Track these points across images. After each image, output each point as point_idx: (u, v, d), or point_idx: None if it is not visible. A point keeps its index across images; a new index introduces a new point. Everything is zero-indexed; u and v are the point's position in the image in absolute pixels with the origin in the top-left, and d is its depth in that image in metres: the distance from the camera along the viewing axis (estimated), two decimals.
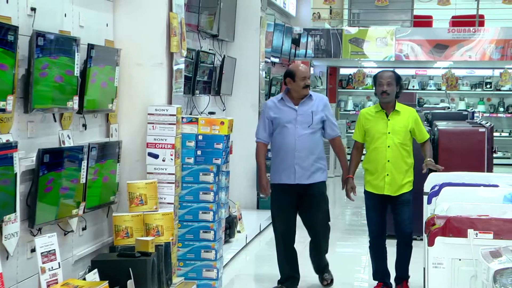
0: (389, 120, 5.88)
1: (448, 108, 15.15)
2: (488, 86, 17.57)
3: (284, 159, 5.88)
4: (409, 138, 5.91)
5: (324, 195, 6.11)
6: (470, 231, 4.02)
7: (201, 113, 7.83)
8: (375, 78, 5.99)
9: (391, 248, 6.10)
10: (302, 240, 6.54)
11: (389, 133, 5.84)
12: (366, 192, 6.02)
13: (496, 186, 5.24)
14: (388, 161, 5.82)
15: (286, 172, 5.90)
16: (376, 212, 5.98)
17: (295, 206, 6.04)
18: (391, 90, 5.84)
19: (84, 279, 4.43)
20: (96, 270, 4.51)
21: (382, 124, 5.88)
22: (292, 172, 5.88)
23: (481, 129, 8.39)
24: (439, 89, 17.57)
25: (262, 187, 6.02)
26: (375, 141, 5.88)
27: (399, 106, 5.95)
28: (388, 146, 5.82)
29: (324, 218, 6.17)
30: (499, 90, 17.44)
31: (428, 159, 5.97)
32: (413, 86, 17.76)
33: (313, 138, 5.93)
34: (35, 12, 4.29)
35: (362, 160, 6.17)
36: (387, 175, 5.83)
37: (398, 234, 5.99)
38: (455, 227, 4.07)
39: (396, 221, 5.96)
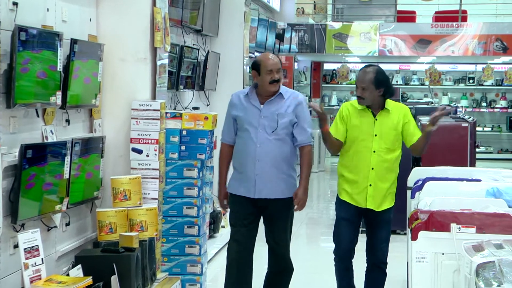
0: (376, 120, 4.99)
1: (432, 103, 15.18)
2: (471, 81, 17.66)
3: (244, 168, 5.00)
4: (399, 143, 5.03)
5: (286, 217, 5.08)
6: (453, 225, 4.05)
7: (185, 108, 7.81)
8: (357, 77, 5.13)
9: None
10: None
11: (376, 135, 4.95)
12: (340, 201, 5.08)
13: (479, 180, 5.27)
14: (372, 168, 4.93)
15: (245, 183, 5.01)
16: (350, 226, 5.05)
17: (256, 222, 5.12)
18: (368, 96, 4.94)
19: (68, 274, 4.41)
20: (79, 265, 4.50)
21: (367, 124, 4.98)
22: (251, 184, 4.97)
23: (464, 124, 8.44)
24: (423, 84, 17.65)
25: (219, 201, 5.23)
26: (358, 143, 4.97)
27: (390, 104, 5.04)
28: (374, 151, 4.93)
29: (283, 248, 5.13)
30: (482, 85, 17.55)
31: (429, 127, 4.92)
32: (397, 81, 17.81)
33: (279, 145, 4.95)
34: (17, 7, 4.25)
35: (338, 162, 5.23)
36: (370, 185, 4.95)
37: (371, 257, 5.12)
38: (438, 222, 4.09)
39: (371, 243, 5.09)
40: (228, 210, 5.23)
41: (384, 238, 5.05)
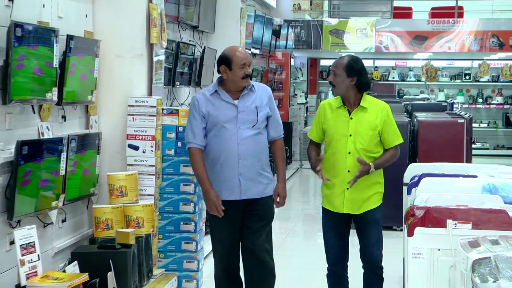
0: (351, 118, 4.70)
1: (428, 99, 15.22)
2: (467, 77, 17.68)
3: (225, 168, 4.67)
4: (377, 142, 4.74)
5: (271, 216, 4.85)
6: (449, 222, 4.05)
7: (182, 104, 7.81)
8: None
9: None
10: (282, 231, 6.56)
11: (350, 135, 4.67)
12: (323, 209, 4.88)
13: (475, 176, 5.28)
14: (348, 171, 4.66)
15: (228, 185, 4.68)
16: (335, 234, 4.84)
17: (240, 230, 4.79)
18: (338, 82, 4.68)
19: (64, 271, 4.41)
20: (76, 262, 4.49)
21: (342, 124, 4.71)
22: (235, 185, 4.67)
23: (460, 120, 8.46)
24: (419, 80, 17.67)
25: (212, 204, 4.67)
26: (333, 144, 4.72)
27: (367, 101, 4.75)
28: (349, 153, 4.66)
29: (267, 252, 4.80)
30: (478, 81, 17.57)
31: (371, 164, 4.64)
32: (393, 78, 17.84)
33: (259, 140, 4.73)
34: (12, 3, 4.24)
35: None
36: (347, 189, 4.68)
37: (364, 262, 4.90)
38: (434, 218, 4.09)
39: (362, 246, 4.87)
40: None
41: (374, 241, 4.79)
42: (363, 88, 4.73)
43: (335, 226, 4.82)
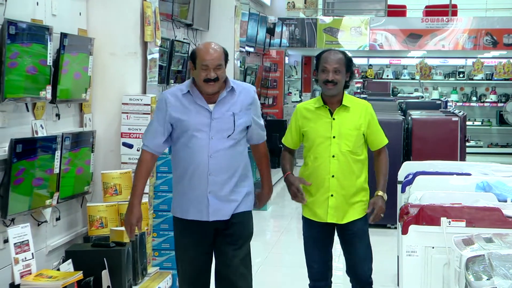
0: (334, 119, 4.28)
1: (422, 97, 15.25)
2: (461, 75, 17.71)
3: (193, 185, 3.99)
4: (362, 143, 4.34)
5: (249, 235, 4.15)
6: (443, 219, 4.06)
7: None
8: (318, 59, 4.32)
9: None
10: (276, 230, 6.57)
11: (334, 137, 4.25)
12: (304, 218, 4.43)
13: (469, 174, 5.29)
14: (333, 176, 4.25)
15: (195, 204, 4.01)
16: (319, 246, 4.39)
17: (210, 252, 4.13)
18: (339, 79, 4.25)
19: (58, 269, 4.41)
20: (70, 260, 4.49)
21: (324, 125, 4.29)
22: (204, 204, 3.99)
23: (454, 118, 8.47)
24: (413, 79, 17.69)
25: (127, 224, 4.03)
26: (315, 148, 4.29)
27: (348, 99, 4.34)
28: (333, 156, 4.24)
29: (246, 278, 4.10)
30: (472, 79, 17.59)
31: (380, 193, 4.30)
32: (387, 76, 17.85)
33: (235, 153, 4.02)
34: (6, 1, 4.23)
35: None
36: (331, 195, 4.26)
37: (353, 279, 4.47)
38: (429, 216, 4.10)
39: (350, 262, 4.42)
40: (137, 235, 4.22)
41: (362, 255, 4.36)
42: (349, 85, 4.38)
43: (318, 238, 4.38)
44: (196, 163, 3.96)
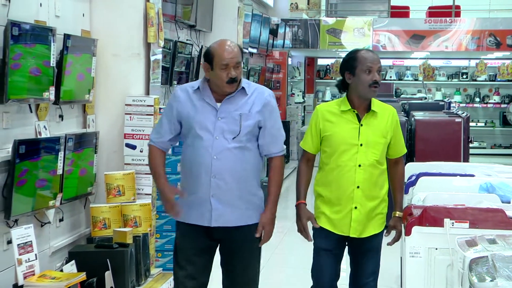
0: (361, 125, 3.96)
1: (425, 98, 15.23)
2: (464, 76, 17.69)
3: (195, 187, 3.80)
4: (386, 153, 4.07)
5: (253, 251, 3.90)
6: (447, 221, 4.05)
7: None
8: (354, 60, 3.96)
9: None
10: (280, 230, 6.56)
11: (361, 145, 3.93)
12: (319, 229, 4.07)
13: (472, 175, 5.29)
14: (358, 187, 3.94)
15: (196, 207, 3.81)
16: (332, 259, 4.08)
17: (210, 261, 3.93)
18: (380, 81, 3.97)
19: (62, 270, 4.41)
20: (73, 261, 4.49)
21: (351, 131, 3.95)
22: (206, 209, 3.78)
23: (458, 119, 8.47)
24: (416, 80, 17.67)
25: (167, 202, 3.87)
26: (339, 155, 3.94)
27: (376, 104, 4.04)
28: (359, 165, 3.93)
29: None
30: (475, 80, 17.57)
31: (398, 213, 4.11)
32: (390, 77, 17.83)
33: (242, 157, 3.78)
34: (9, 2, 4.24)
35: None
36: (355, 208, 3.96)
37: None
38: (432, 217, 4.10)
39: (356, 275, 4.15)
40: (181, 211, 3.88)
41: (371, 271, 4.10)
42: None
43: (333, 250, 4.06)
44: (199, 164, 3.77)
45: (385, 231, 4.11)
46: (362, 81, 3.93)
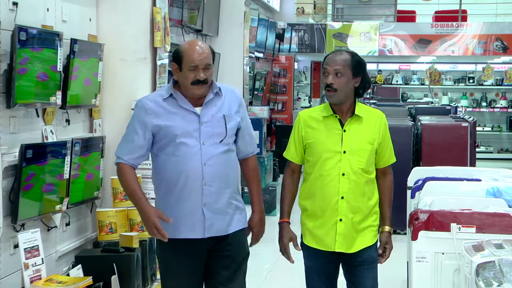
0: (344, 131, 3.68)
1: (432, 102, 15.21)
2: (471, 81, 17.67)
3: (184, 198, 3.57)
4: (373, 160, 3.76)
5: (244, 256, 3.76)
6: (453, 225, 4.04)
7: None
8: (322, 62, 3.72)
9: None
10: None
11: (344, 152, 3.66)
12: (305, 246, 3.81)
13: (479, 180, 5.27)
14: (342, 197, 3.65)
15: (188, 220, 3.57)
16: (324, 280, 3.81)
17: (202, 274, 3.70)
18: (341, 84, 3.63)
19: (68, 274, 4.41)
20: (80, 265, 4.50)
21: (333, 138, 3.68)
22: (197, 219, 3.57)
23: (464, 124, 8.45)
24: (423, 84, 17.66)
25: (152, 226, 3.51)
26: (321, 164, 3.68)
27: (361, 109, 3.73)
28: (343, 174, 3.65)
29: None
30: (482, 84, 17.55)
31: (387, 228, 3.80)
32: (397, 81, 17.83)
33: (229, 160, 3.66)
34: (17, 7, 4.25)
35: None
36: (340, 220, 3.66)
37: None
38: (438, 221, 4.09)
39: None
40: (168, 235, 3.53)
41: (369, 286, 3.78)
42: (362, 92, 3.75)
43: (324, 270, 3.80)
44: (187, 172, 3.53)
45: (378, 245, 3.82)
46: (322, 83, 3.78)
